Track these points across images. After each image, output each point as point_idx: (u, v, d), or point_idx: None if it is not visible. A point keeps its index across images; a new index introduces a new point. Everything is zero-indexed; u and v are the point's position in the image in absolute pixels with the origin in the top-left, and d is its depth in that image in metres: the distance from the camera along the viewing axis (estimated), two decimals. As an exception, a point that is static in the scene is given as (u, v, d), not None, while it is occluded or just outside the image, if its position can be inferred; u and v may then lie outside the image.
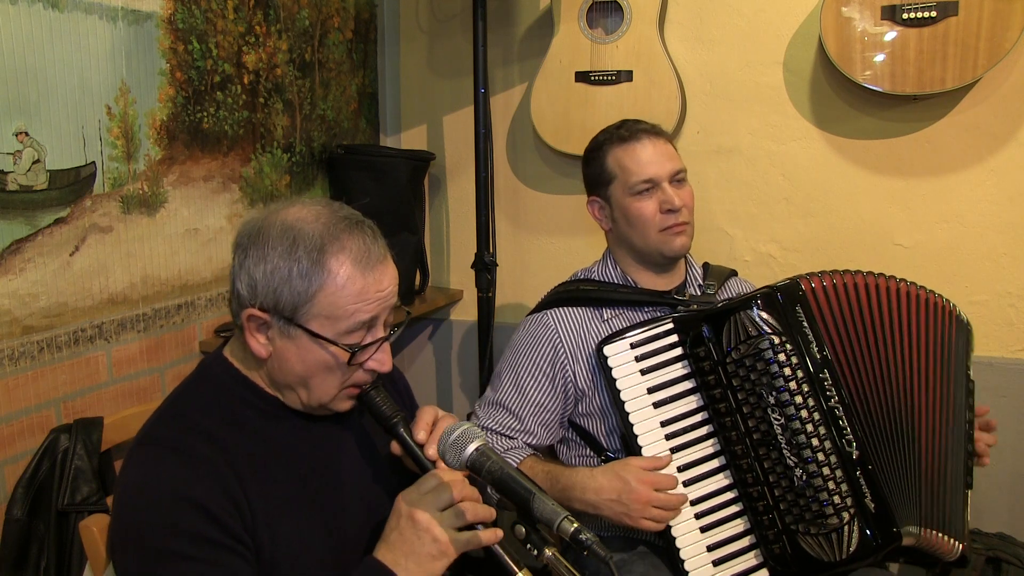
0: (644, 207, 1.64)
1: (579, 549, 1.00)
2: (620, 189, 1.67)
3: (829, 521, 1.44)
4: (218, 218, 2.16)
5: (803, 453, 1.45)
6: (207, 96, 2.09)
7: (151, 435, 1.14)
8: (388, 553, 1.09)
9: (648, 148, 1.65)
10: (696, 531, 1.49)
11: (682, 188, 1.67)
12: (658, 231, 1.64)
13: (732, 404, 1.49)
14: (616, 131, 1.69)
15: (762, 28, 2.34)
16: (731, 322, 1.49)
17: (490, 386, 1.73)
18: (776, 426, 1.46)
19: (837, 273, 1.55)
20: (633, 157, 1.65)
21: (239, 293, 1.13)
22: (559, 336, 1.67)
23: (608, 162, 1.68)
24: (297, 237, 1.10)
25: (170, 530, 1.04)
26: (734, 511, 1.51)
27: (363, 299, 1.11)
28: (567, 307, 1.69)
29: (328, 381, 1.15)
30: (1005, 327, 2.23)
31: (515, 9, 2.61)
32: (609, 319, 1.68)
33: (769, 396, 1.46)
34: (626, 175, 1.65)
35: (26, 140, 1.66)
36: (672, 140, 1.73)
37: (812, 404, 1.47)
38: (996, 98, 2.14)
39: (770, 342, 1.47)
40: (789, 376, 1.47)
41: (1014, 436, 2.22)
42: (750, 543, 1.50)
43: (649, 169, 1.64)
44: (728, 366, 1.49)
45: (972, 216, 2.21)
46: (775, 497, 1.47)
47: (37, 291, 1.71)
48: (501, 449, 1.63)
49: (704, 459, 1.52)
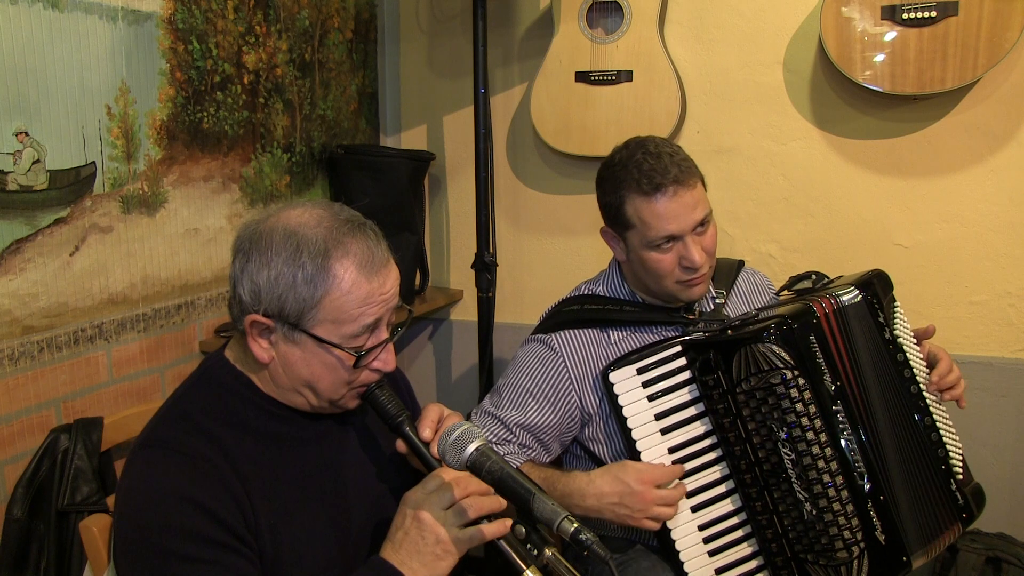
0: (662, 261, 1.54)
1: (579, 549, 1.00)
2: (637, 239, 1.55)
3: (838, 555, 1.41)
4: (218, 218, 2.16)
5: (814, 488, 1.41)
6: (207, 96, 2.09)
7: (153, 437, 1.14)
8: (394, 553, 1.10)
9: (671, 203, 1.49)
10: (704, 555, 1.48)
11: (705, 234, 1.55)
12: (674, 283, 1.56)
13: (742, 433, 1.45)
14: (638, 175, 1.51)
15: (762, 28, 2.34)
16: (742, 353, 1.42)
17: (488, 399, 1.67)
18: (787, 460, 1.41)
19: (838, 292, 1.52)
20: (652, 212, 1.50)
21: (241, 298, 1.12)
22: (564, 362, 1.60)
23: (627, 209, 1.54)
24: (300, 242, 1.09)
25: (174, 531, 1.04)
26: (741, 535, 1.49)
27: (368, 303, 1.11)
28: (572, 330, 1.63)
29: (334, 383, 1.15)
30: (1005, 327, 2.23)
31: (515, 9, 2.61)
32: (616, 341, 1.62)
33: (780, 431, 1.41)
34: (645, 228, 1.52)
35: (26, 140, 1.66)
36: (700, 179, 1.55)
37: (824, 439, 1.42)
38: (996, 98, 2.14)
39: (782, 377, 1.41)
40: (801, 412, 1.41)
41: (1014, 436, 2.22)
42: (757, 566, 1.49)
43: (671, 226, 1.50)
44: (738, 396, 1.44)
45: (972, 216, 2.21)
46: (784, 526, 1.44)
47: (37, 291, 1.71)
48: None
49: (712, 484, 1.49)
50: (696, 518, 1.48)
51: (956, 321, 2.25)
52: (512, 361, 1.68)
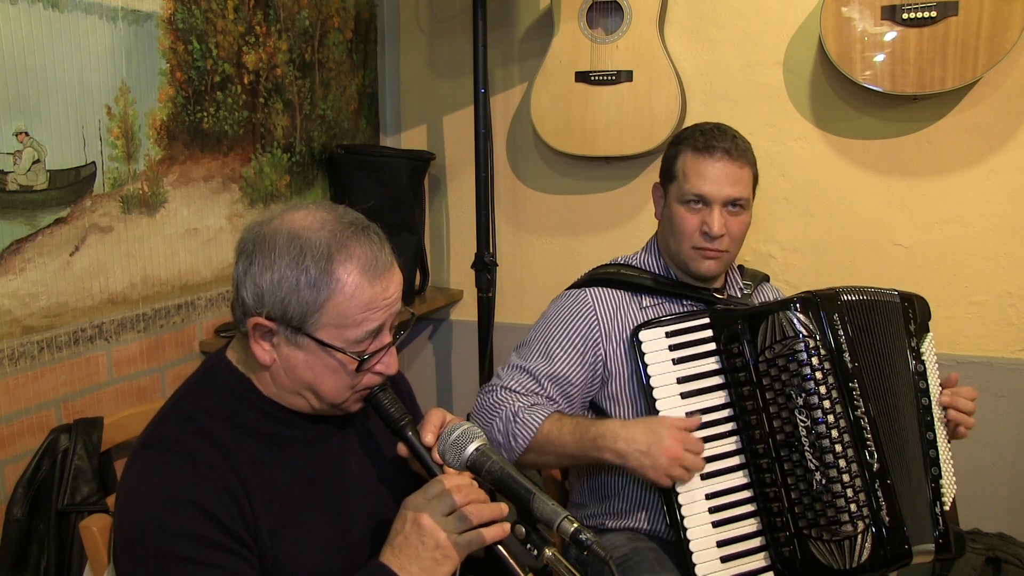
0: (686, 219, 1.63)
1: (579, 549, 1.00)
2: (675, 191, 1.66)
3: (843, 528, 1.44)
4: (218, 218, 2.16)
5: (825, 457, 1.45)
6: (207, 96, 2.09)
7: (155, 438, 1.14)
8: (393, 558, 1.09)
9: (715, 166, 1.61)
10: (709, 525, 1.49)
11: (735, 217, 1.63)
12: (691, 247, 1.64)
13: (759, 403, 1.50)
14: (700, 135, 1.65)
15: (762, 28, 2.34)
16: (768, 321, 1.50)
17: (516, 352, 1.71)
18: (801, 427, 1.46)
19: (868, 290, 1.57)
20: (696, 168, 1.62)
21: (244, 301, 1.12)
22: (596, 314, 1.66)
23: (677, 161, 1.66)
24: (304, 246, 1.09)
25: (174, 533, 1.04)
26: (748, 510, 1.51)
27: (371, 307, 1.11)
28: (606, 288, 1.69)
29: (337, 387, 1.15)
30: (1005, 327, 2.23)
31: (515, 9, 2.61)
32: (647, 307, 1.68)
33: (798, 397, 1.46)
34: (684, 180, 1.63)
35: (26, 140, 1.66)
36: (750, 168, 1.66)
37: (839, 411, 1.47)
38: (996, 98, 2.15)
39: (805, 344, 1.48)
40: (820, 380, 1.47)
41: (1014, 436, 2.22)
42: (760, 544, 1.50)
43: (705, 187, 1.61)
44: (760, 365, 1.50)
45: (972, 216, 2.21)
46: (791, 500, 1.47)
47: (37, 291, 1.71)
48: (525, 404, 1.60)
49: (724, 455, 1.52)
50: (705, 486, 1.50)
51: (956, 321, 2.25)
52: (542, 315, 1.73)
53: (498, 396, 1.63)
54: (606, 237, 2.61)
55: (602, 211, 2.60)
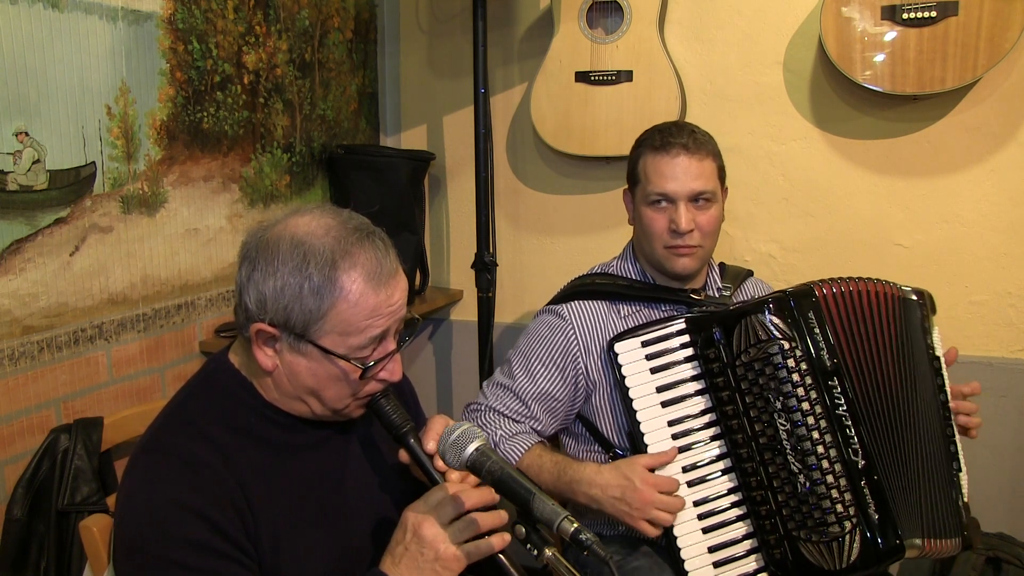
0: (654, 219, 1.63)
1: (579, 549, 1.00)
2: (640, 194, 1.67)
3: (831, 529, 1.43)
4: (218, 218, 2.16)
5: (807, 460, 1.44)
6: (207, 96, 2.09)
7: (155, 441, 1.13)
8: (393, 567, 1.08)
9: (675, 163, 1.61)
10: (698, 532, 1.49)
11: (703, 211, 1.63)
12: (663, 247, 1.64)
13: (740, 407, 1.48)
14: (657, 135, 1.65)
15: (762, 28, 2.34)
16: (742, 325, 1.48)
17: (499, 370, 1.73)
18: (782, 431, 1.45)
19: (852, 280, 1.54)
20: (656, 167, 1.62)
21: (247, 306, 1.11)
22: (574, 329, 1.67)
23: (639, 164, 1.67)
24: (307, 252, 1.08)
25: (173, 540, 1.03)
26: (737, 514, 1.51)
27: (375, 315, 1.10)
28: (584, 301, 1.69)
29: (340, 393, 1.15)
30: (1005, 327, 2.23)
31: (515, 9, 2.61)
32: (626, 316, 1.68)
33: (776, 401, 1.45)
34: (646, 182, 1.64)
35: (26, 140, 1.66)
36: (712, 159, 1.65)
37: (819, 411, 1.45)
38: (996, 98, 2.14)
39: (780, 347, 1.46)
40: (797, 382, 1.45)
41: (1014, 436, 2.22)
42: (751, 547, 1.50)
43: (668, 185, 1.61)
44: (737, 369, 1.48)
45: (972, 216, 2.21)
46: (778, 502, 1.46)
47: (37, 291, 1.71)
48: (508, 433, 1.63)
49: (709, 461, 1.52)
50: (691, 493, 1.50)
51: (956, 321, 2.25)
52: (523, 333, 1.74)
53: (484, 419, 1.66)
54: (606, 237, 2.60)
55: (602, 211, 2.60)
